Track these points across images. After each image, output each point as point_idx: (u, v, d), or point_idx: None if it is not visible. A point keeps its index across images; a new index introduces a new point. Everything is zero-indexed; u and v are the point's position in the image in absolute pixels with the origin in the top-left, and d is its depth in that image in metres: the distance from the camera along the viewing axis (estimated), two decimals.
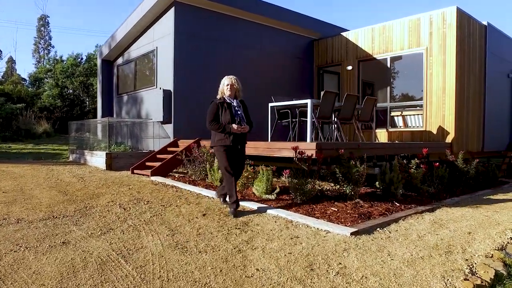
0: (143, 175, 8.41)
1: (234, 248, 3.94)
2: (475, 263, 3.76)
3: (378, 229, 4.70)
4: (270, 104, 8.71)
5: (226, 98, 5.27)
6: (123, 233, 4.32)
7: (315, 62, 12.58)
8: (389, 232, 4.61)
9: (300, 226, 4.73)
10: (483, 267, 3.67)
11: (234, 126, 5.08)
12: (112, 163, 9.31)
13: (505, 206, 6.41)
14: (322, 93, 8.12)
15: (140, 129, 10.95)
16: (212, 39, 10.19)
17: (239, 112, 5.23)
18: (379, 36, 10.65)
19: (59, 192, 6.46)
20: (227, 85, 5.28)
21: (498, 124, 11.09)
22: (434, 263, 3.68)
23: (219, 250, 3.87)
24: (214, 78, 10.15)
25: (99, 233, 4.31)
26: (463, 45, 9.29)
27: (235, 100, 5.31)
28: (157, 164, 8.52)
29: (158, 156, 9.10)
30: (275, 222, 4.89)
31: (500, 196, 7.43)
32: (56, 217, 4.94)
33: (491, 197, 7.32)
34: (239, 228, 4.62)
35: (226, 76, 5.39)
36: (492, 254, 4.07)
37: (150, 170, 8.23)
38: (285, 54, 11.94)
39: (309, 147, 5.91)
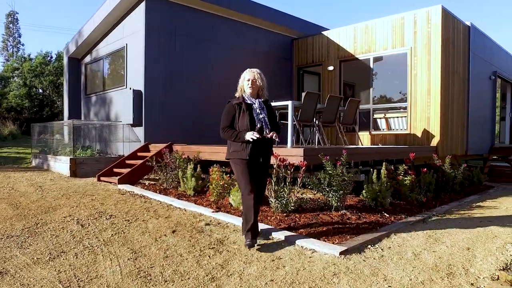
0: (110, 182, 7.72)
1: (207, 275, 3.36)
2: None
3: (369, 246, 4.21)
4: None
5: (246, 98, 4.19)
6: (77, 258, 3.68)
7: (295, 62, 12.10)
8: (382, 249, 4.12)
9: (282, 244, 4.19)
10: None
11: (248, 134, 3.93)
12: (77, 169, 8.58)
13: (497, 214, 6.05)
14: (303, 94, 7.63)
15: (109, 132, 10.22)
16: (187, 36, 9.57)
17: (261, 116, 4.12)
18: (362, 36, 10.25)
19: (10, 205, 5.73)
20: (248, 80, 4.16)
21: (480, 127, 10.87)
22: None
23: (189, 278, 3.29)
24: (189, 77, 9.66)
25: (47, 258, 3.66)
26: (447, 45, 8.97)
27: (257, 100, 4.21)
28: (125, 170, 7.85)
29: (127, 161, 8.42)
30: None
31: (489, 203, 7.09)
32: None
33: (481, 204, 6.97)
34: (213, 248, 4.05)
35: (247, 69, 4.27)
36: (498, 276, 3.62)
37: (117, 178, 7.55)
38: (264, 53, 11.42)
39: (294, 153, 5.39)
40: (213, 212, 5.43)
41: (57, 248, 3.92)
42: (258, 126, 4.08)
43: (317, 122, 8.21)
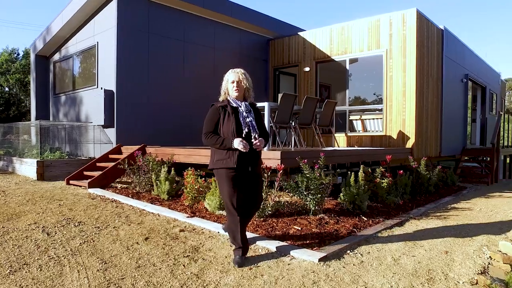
0: (80, 186, 7.41)
1: (181, 287, 3.19)
2: None
3: (348, 251, 4.12)
4: None
5: (231, 101, 3.83)
6: (41, 270, 3.44)
7: (271, 62, 12.00)
8: (361, 255, 4.05)
9: (260, 250, 4.06)
10: None
11: (236, 142, 3.57)
12: (44, 172, 8.21)
13: (471, 216, 6.10)
14: (280, 95, 7.53)
15: (79, 133, 9.84)
16: (161, 35, 9.32)
17: (248, 120, 3.74)
18: (338, 37, 10.25)
19: None
20: (233, 82, 3.79)
21: (453, 129, 11.06)
22: None
23: None
24: (162, 77, 9.42)
25: (8, 271, 3.40)
26: (422, 48, 9.06)
27: (243, 102, 3.85)
28: (96, 173, 7.55)
29: (98, 164, 8.11)
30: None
31: (463, 204, 7.17)
32: None
33: (456, 205, 7.04)
34: (187, 256, 3.87)
35: (230, 70, 3.90)
36: (477, 280, 3.60)
37: (87, 181, 7.25)
38: (239, 53, 11.27)
39: (271, 156, 5.27)
40: (187, 217, 5.25)
41: (19, 260, 3.65)
42: (246, 130, 3.70)
43: (293, 124, 8.13)
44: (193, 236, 4.52)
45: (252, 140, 3.68)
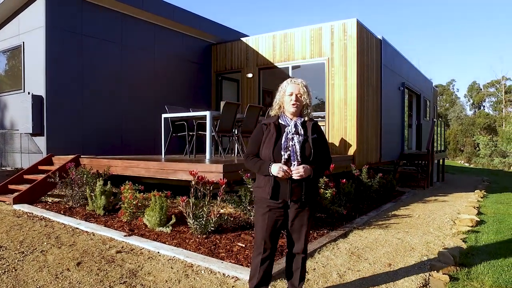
0: (4, 202, 6.74)
1: None
2: None
3: None
4: (164, 115, 7.65)
5: (281, 118, 3.11)
6: None
7: (213, 68, 11.77)
8: (307, 272, 3.95)
9: (203, 272, 3.84)
10: None
11: (275, 168, 2.88)
12: None
13: (411, 224, 6.29)
14: (222, 104, 7.33)
15: (3, 141, 9.00)
16: (96, 37, 8.77)
17: (292, 142, 2.95)
18: (281, 44, 10.24)
19: None
20: (291, 94, 3.04)
21: (392, 135, 11.47)
22: None
23: None
24: (98, 82, 8.86)
25: None
26: (362, 57, 9.28)
27: (293, 120, 3.06)
28: (23, 187, 6.92)
29: (26, 176, 7.43)
30: (172, 268, 3.94)
31: (403, 211, 7.40)
32: None
33: (396, 212, 7.25)
34: (124, 282, 3.57)
35: (289, 80, 3.15)
36: None
37: (13, 196, 6.61)
38: (181, 58, 10.93)
39: (213, 169, 5.06)
40: (125, 236, 4.90)
41: None
42: (285, 156, 2.94)
43: (236, 132, 7.97)
44: (131, 257, 4.21)
45: (292, 168, 2.92)
